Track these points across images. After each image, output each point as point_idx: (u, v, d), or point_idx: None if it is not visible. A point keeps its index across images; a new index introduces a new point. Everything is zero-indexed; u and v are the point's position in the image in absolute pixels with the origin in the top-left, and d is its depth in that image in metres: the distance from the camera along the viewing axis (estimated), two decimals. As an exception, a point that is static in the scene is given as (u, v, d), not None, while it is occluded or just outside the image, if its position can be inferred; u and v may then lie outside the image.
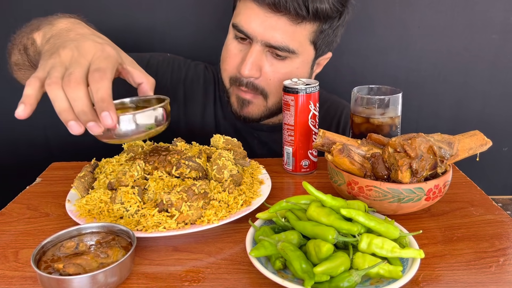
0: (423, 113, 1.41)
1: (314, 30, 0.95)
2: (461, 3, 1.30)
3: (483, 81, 1.38)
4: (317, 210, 0.62)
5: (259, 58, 0.95)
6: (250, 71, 0.94)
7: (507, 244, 0.68)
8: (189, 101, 1.14)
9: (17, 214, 0.79)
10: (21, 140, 1.40)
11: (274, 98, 1.01)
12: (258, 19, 0.92)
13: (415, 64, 1.36)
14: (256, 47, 0.94)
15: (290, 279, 0.57)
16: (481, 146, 0.78)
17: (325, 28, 0.96)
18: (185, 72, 1.14)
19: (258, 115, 1.03)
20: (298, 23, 0.92)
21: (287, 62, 0.96)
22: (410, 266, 0.58)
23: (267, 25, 0.91)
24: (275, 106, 1.02)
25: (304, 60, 0.98)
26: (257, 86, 0.98)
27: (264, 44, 0.93)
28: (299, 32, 0.93)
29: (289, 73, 0.97)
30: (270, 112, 1.03)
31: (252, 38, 0.94)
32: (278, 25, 0.91)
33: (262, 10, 0.91)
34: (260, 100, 1.01)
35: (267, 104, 1.01)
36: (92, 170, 0.84)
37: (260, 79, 0.97)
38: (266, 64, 0.96)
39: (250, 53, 0.94)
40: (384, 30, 1.33)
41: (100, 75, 0.61)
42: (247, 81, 0.97)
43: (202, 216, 0.72)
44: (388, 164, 0.72)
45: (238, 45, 0.98)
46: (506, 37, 1.33)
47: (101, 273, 0.55)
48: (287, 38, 0.92)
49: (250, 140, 1.13)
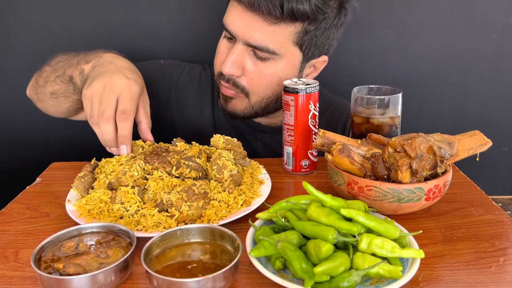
0: (423, 113, 1.41)
1: (297, 31, 0.93)
2: (461, 3, 1.30)
3: (483, 81, 1.38)
4: (317, 210, 0.62)
5: (241, 57, 0.95)
6: (230, 69, 0.95)
7: (507, 244, 0.68)
8: (183, 105, 1.15)
9: (17, 214, 0.79)
10: (21, 140, 1.40)
11: (257, 97, 1.00)
12: (240, 18, 0.92)
13: (415, 64, 1.36)
14: (239, 46, 0.94)
15: (290, 279, 0.57)
16: (481, 146, 0.78)
17: (310, 30, 0.94)
18: (177, 78, 1.15)
19: (241, 112, 1.04)
20: (276, 23, 0.91)
21: (270, 63, 0.96)
22: (410, 266, 0.58)
23: (247, 24, 0.92)
24: (258, 105, 1.02)
25: (288, 62, 0.97)
26: (237, 84, 0.98)
27: (245, 43, 0.93)
28: (279, 33, 0.92)
29: (272, 74, 0.97)
30: (254, 110, 1.03)
31: (235, 37, 0.94)
32: (256, 25, 0.91)
33: (243, 9, 0.91)
34: (241, 97, 1.01)
35: (249, 102, 1.01)
36: (92, 170, 0.84)
37: (242, 78, 0.98)
38: (248, 63, 0.96)
39: (232, 52, 0.95)
40: (384, 30, 1.33)
41: (125, 117, 0.81)
42: (228, 78, 0.98)
43: (202, 216, 0.73)
44: (388, 164, 0.72)
45: (226, 43, 0.99)
46: (506, 37, 1.33)
47: (101, 273, 0.55)
48: (266, 38, 0.92)
49: (253, 142, 1.13)
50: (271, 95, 1.00)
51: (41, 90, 0.99)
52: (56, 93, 0.97)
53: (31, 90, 1.04)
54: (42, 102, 1.02)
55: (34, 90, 1.02)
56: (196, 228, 0.64)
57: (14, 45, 1.31)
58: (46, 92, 0.98)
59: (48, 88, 0.97)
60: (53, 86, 0.96)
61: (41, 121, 1.36)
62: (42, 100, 1.01)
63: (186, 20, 1.32)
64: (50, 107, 1.01)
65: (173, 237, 0.63)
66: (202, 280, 0.53)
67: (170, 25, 1.32)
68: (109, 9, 1.29)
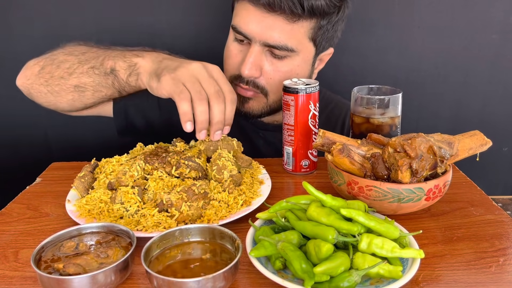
0: (423, 113, 1.41)
1: (312, 27, 0.95)
2: (461, 3, 1.30)
3: (483, 81, 1.38)
4: (317, 210, 0.62)
5: (259, 58, 0.95)
6: (250, 71, 0.95)
7: (507, 244, 0.68)
8: None
9: (17, 214, 0.79)
10: (21, 140, 1.40)
11: (275, 95, 1.01)
12: (255, 19, 0.92)
13: (415, 64, 1.36)
14: (255, 48, 0.94)
15: (290, 279, 0.57)
16: (481, 146, 0.78)
17: (324, 24, 0.96)
18: None
19: (258, 111, 1.04)
20: (295, 21, 0.92)
21: (287, 60, 0.97)
22: (410, 266, 0.58)
23: (264, 25, 0.92)
24: (276, 103, 1.03)
25: (304, 58, 0.98)
26: (258, 84, 0.99)
27: (263, 44, 0.93)
28: (297, 30, 0.93)
29: (289, 71, 0.98)
30: (270, 109, 1.04)
31: (251, 39, 0.94)
32: (275, 25, 0.92)
33: (259, 11, 0.91)
34: (260, 97, 1.01)
35: (267, 101, 1.02)
36: (92, 170, 0.84)
37: (261, 78, 0.98)
38: (266, 63, 0.97)
39: (250, 54, 0.95)
40: (384, 30, 1.33)
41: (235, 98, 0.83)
42: (247, 80, 0.98)
43: (202, 216, 0.73)
44: (388, 164, 0.72)
45: (238, 46, 0.99)
46: (506, 37, 1.33)
47: (101, 273, 0.55)
48: (285, 37, 0.93)
49: (256, 140, 1.13)
50: None
51: (58, 82, 0.92)
52: (83, 86, 0.91)
53: (32, 80, 0.96)
54: (55, 96, 0.95)
55: (40, 80, 0.94)
56: (196, 228, 0.64)
57: (14, 45, 1.31)
58: (68, 85, 0.92)
59: (72, 80, 0.91)
60: (80, 78, 0.91)
61: (42, 121, 1.36)
62: (56, 93, 0.94)
63: (186, 21, 1.32)
64: (65, 101, 0.95)
65: (173, 237, 0.63)
66: (202, 280, 0.53)
67: (170, 25, 1.32)
68: (109, 10, 1.29)
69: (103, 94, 0.93)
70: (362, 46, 1.34)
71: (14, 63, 1.03)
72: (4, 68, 1.32)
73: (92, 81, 0.91)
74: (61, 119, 1.08)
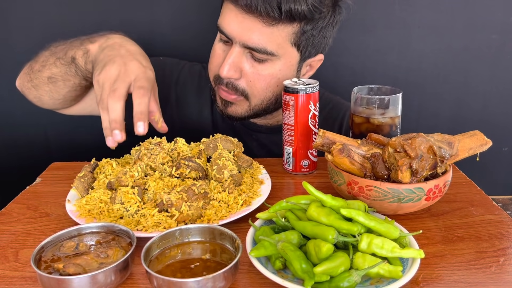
0: (423, 113, 1.41)
1: (295, 32, 0.93)
2: (461, 3, 1.30)
3: (483, 81, 1.38)
4: (317, 210, 0.62)
5: (239, 60, 0.94)
6: (228, 72, 0.94)
7: (507, 244, 0.68)
8: (182, 103, 1.14)
9: (17, 214, 0.79)
10: (21, 140, 1.40)
11: (257, 99, 1.00)
12: (236, 20, 0.91)
13: (415, 64, 1.36)
14: (236, 49, 0.93)
15: (290, 279, 0.57)
16: (481, 146, 0.78)
17: (308, 29, 0.94)
18: (177, 76, 1.15)
19: (242, 115, 1.03)
20: (273, 24, 0.90)
21: (268, 64, 0.95)
22: (410, 266, 0.58)
23: (244, 27, 0.91)
24: (259, 107, 1.02)
25: (286, 63, 0.97)
26: (237, 87, 0.98)
27: (243, 45, 0.93)
28: (277, 34, 0.92)
29: (270, 75, 0.96)
30: (253, 112, 1.03)
31: (232, 40, 0.93)
32: (254, 27, 0.90)
33: (239, 12, 0.91)
34: (242, 101, 1.00)
35: (250, 105, 1.01)
36: (92, 170, 0.84)
37: (241, 80, 0.97)
38: (246, 65, 0.95)
39: (229, 54, 0.94)
40: (384, 30, 1.33)
41: (143, 93, 0.76)
42: (227, 81, 0.97)
43: (202, 216, 0.73)
44: (388, 164, 0.72)
45: (222, 46, 0.99)
46: (506, 37, 1.33)
47: (101, 273, 0.55)
48: (264, 40, 0.91)
49: (249, 142, 1.13)
50: (271, 96, 1.00)
51: (36, 75, 0.95)
52: (54, 77, 0.93)
53: (23, 78, 0.99)
54: (36, 89, 0.97)
55: (27, 77, 0.98)
56: (196, 228, 0.64)
57: (14, 45, 1.31)
58: (43, 77, 0.94)
59: (45, 72, 0.93)
60: (51, 69, 0.93)
61: (42, 121, 1.36)
62: (36, 87, 0.96)
63: (186, 21, 1.32)
64: (45, 94, 0.97)
65: (173, 237, 0.63)
66: (202, 280, 0.53)
67: (170, 25, 1.32)
68: (109, 9, 1.29)
69: (72, 83, 0.94)
70: (362, 46, 1.34)
71: (14, 63, 1.03)
72: (4, 69, 1.32)
73: (59, 71, 0.92)
74: (61, 119, 1.08)
